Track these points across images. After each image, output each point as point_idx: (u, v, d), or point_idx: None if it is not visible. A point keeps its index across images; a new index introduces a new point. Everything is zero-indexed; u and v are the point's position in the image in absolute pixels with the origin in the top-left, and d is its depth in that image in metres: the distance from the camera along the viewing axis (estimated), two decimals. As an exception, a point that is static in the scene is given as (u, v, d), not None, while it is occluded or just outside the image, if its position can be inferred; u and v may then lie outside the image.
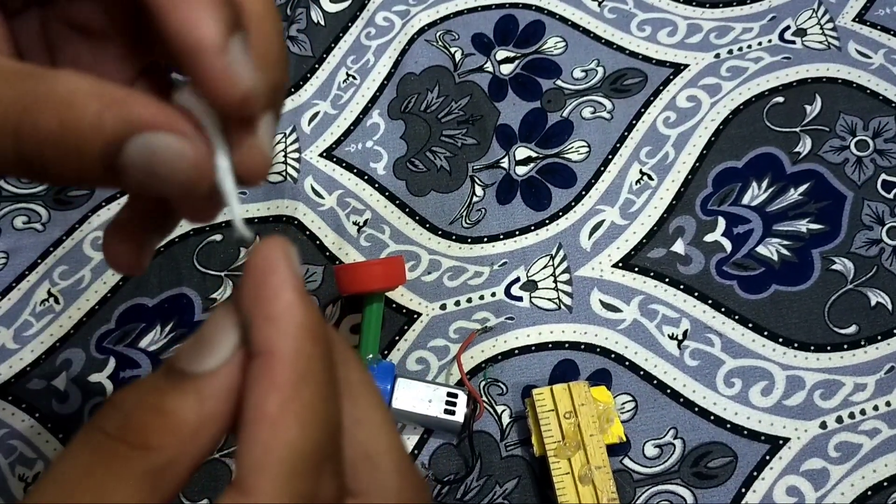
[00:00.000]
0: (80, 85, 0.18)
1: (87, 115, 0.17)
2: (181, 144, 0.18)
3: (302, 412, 0.17)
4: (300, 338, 0.18)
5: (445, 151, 0.53)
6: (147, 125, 0.18)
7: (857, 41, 0.54)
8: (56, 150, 0.18)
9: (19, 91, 0.18)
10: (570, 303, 0.48)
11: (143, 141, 0.18)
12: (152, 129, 0.18)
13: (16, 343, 0.48)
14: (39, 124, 0.17)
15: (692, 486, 0.43)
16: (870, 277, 0.47)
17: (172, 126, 0.18)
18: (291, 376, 0.17)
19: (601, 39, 0.56)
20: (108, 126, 0.17)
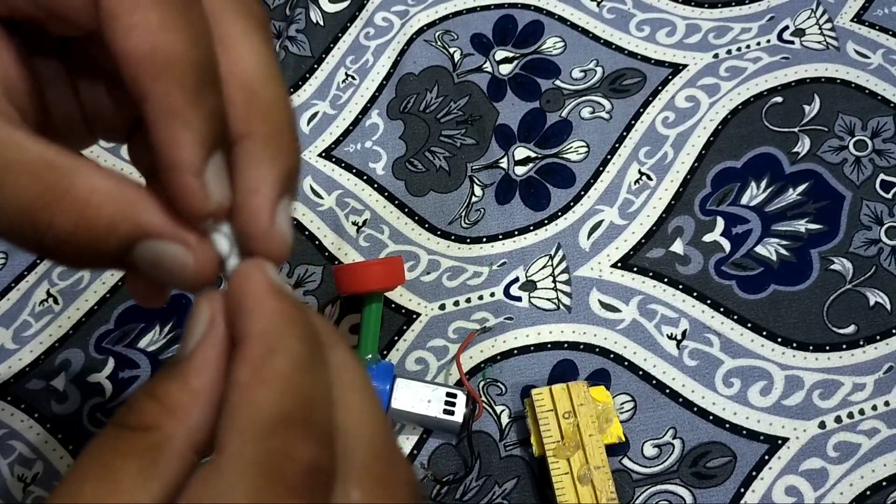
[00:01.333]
0: (97, 185, 0.19)
1: (102, 218, 0.19)
2: (184, 255, 0.19)
3: (272, 379, 0.18)
4: (269, 319, 0.19)
5: (444, 151, 0.53)
6: (154, 233, 0.19)
7: (855, 41, 0.54)
8: (71, 245, 0.19)
9: (40, 186, 0.19)
10: (569, 303, 0.48)
11: (151, 247, 0.19)
12: (158, 238, 0.19)
13: (15, 343, 0.48)
14: (56, 222, 0.19)
15: (691, 486, 0.43)
16: (868, 277, 0.47)
17: (177, 236, 0.19)
18: (260, 350, 0.19)
19: (600, 39, 0.56)
20: (120, 230, 0.19)
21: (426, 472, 0.44)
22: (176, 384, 0.19)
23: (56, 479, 0.45)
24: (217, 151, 0.20)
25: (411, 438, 0.45)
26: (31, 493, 0.45)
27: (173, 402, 0.19)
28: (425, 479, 0.44)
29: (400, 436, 0.45)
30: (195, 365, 0.19)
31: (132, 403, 0.19)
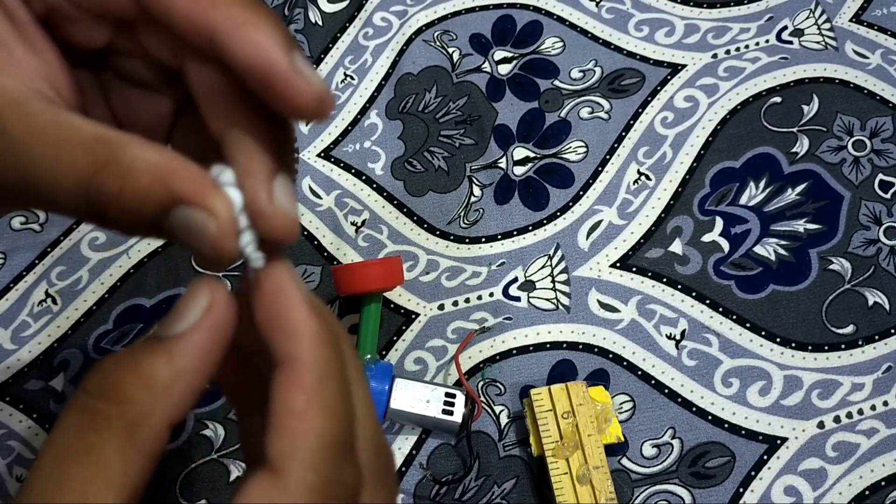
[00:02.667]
0: (140, 155, 0.20)
1: (141, 184, 0.20)
2: (207, 221, 0.20)
3: (324, 407, 0.20)
4: (316, 345, 0.20)
5: (443, 151, 0.53)
6: (185, 199, 0.20)
7: (854, 41, 0.54)
8: (117, 208, 0.20)
9: (91, 157, 0.20)
10: (567, 303, 0.48)
11: (182, 213, 0.20)
12: (189, 203, 0.20)
13: (13, 343, 0.48)
14: (104, 188, 0.20)
15: (690, 486, 0.43)
16: (867, 277, 0.47)
17: (203, 202, 0.20)
18: (313, 378, 0.20)
19: (599, 40, 0.56)
20: (157, 196, 0.20)
21: (425, 472, 0.44)
22: (160, 361, 0.20)
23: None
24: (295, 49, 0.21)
25: (410, 439, 0.45)
26: (30, 494, 0.45)
27: (154, 379, 0.20)
28: (424, 480, 0.44)
29: (399, 436, 0.45)
30: (184, 346, 0.20)
31: (108, 374, 0.20)
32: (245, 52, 0.21)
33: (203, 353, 0.20)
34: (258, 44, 0.21)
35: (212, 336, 0.20)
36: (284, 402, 0.20)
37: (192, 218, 0.20)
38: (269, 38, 0.21)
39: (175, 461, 0.45)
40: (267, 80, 0.21)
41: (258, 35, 0.21)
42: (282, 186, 0.22)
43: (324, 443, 0.20)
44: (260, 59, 0.21)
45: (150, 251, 0.51)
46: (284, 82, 0.21)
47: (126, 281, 0.50)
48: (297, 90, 0.21)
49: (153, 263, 0.50)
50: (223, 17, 0.21)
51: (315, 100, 0.21)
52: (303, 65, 0.21)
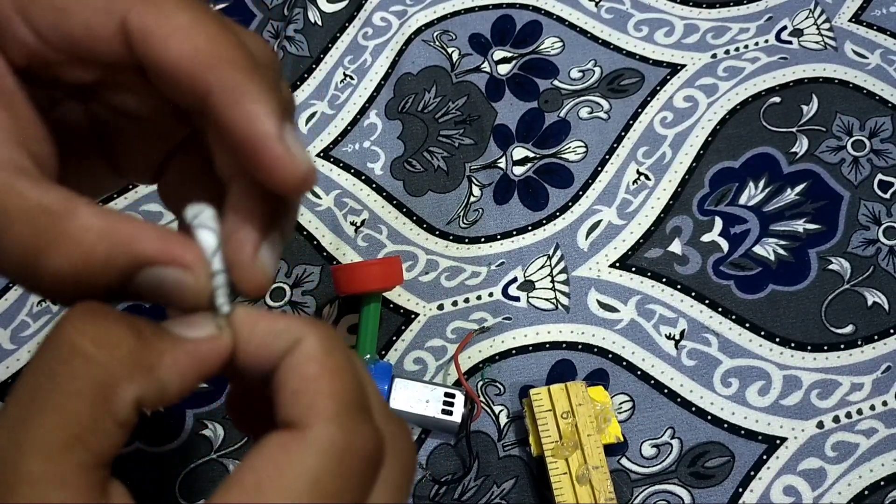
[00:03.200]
0: (90, 224, 0.19)
1: (97, 255, 0.19)
2: (183, 276, 0.20)
3: (337, 370, 0.20)
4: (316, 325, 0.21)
5: (443, 151, 0.53)
6: (153, 261, 0.20)
7: (853, 41, 0.54)
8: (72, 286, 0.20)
9: (36, 231, 0.19)
10: (567, 303, 0.48)
11: (151, 273, 0.20)
12: (158, 265, 0.20)
13: (13, 344, 0.48)
14: (54, 265, 0.19)
15: (689, 486, 0.43)
16: (866, 277, 0.47)
17: (175, 260, 0.20)
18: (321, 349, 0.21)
19: (598, 40, 0.56)
20: (118, 263, 0.20)
21: (424, 472, 0.44)
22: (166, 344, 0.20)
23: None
24: (287, 122, 0.21)
25: (410, 438, 0.45)
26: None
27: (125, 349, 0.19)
28: (423, 480, 0.44)
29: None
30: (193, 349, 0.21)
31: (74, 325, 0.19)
32: (236, 122, 0.20)
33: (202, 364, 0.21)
34: (250, 115, 0.20)
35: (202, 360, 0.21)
36: (295, 373, 0.20)
37: (163, 277, 0.20)
38: (263, 109, 0.20)
39: (175, 461, 0.45)
40: (254, 154, 0.21)
41: (252, 106, 0.20)
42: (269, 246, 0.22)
43: (343, 400, 0.20)
44: (250, 132, 0.20)
45: (149, 251, 0.51)
46: (272, 159, 0.20)
47: (125, 281, 0.50)
48: (283, 168, 0.21)
49: (152, 263, 0.50)
50: (219, 80, 0.20)
51: (300, 179, 0.21)
52: (292, 140, 0.21)
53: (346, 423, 0.20)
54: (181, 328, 0.21)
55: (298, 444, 0.19)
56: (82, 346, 0.19)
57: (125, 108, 0.25)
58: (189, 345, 0.21)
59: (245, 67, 0.21)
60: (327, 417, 0.20)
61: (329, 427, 0.20)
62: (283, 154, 0.21)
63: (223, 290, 0.21)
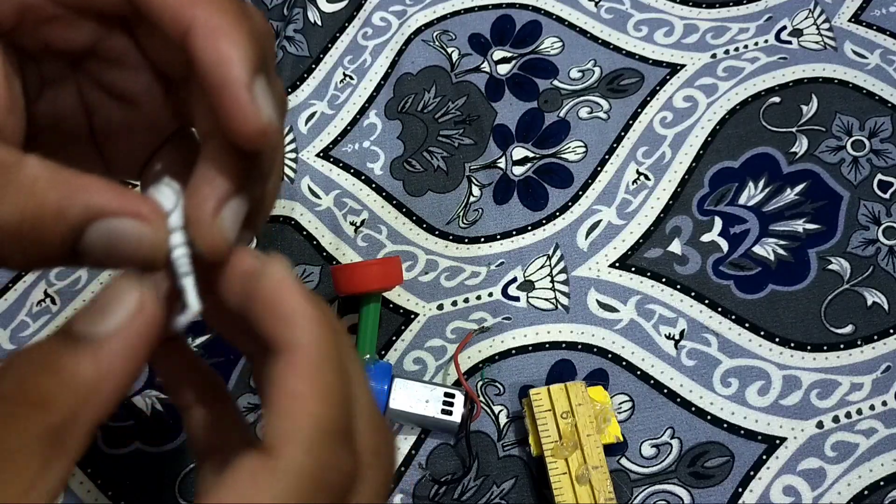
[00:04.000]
0: (41, 173, 0.19)
1: (48, 203, 0.18)
2: (140, 228, 0.19)
3: (324, 392, 0.20)
4: (315, 330, 0.20)
5: (442, 151, 0.53)
6: (107, 211, 0.19)
7: (853, 41, 0.54)
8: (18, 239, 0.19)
9: None
10: (566, 303, 0.48)
11: (104, 226, 0.19)
12: (112, 216, 0.19)
13: (12, 343, 0.48)
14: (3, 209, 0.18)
15: (689, 486, 0.43)
16: (866, 277, 0.47)
17: (131, 210, 0.19)
18: (312, 363, 0.20)
19: (598, 40, 0.56)
20: (70, 214, 0.18)
21: (424, 472, 0.44)
22: (84, 362, 0.18)
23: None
24: (261, 74, 0.20)
25: (409, 438, 0.45)
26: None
27: (79, 381, 0.18)
28: (423, 480, 0.44)
29: (398, 436, 0.45)
30: (111, 348, 0.19)
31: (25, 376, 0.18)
32: (208, 59, 0.20)
33: (131, 354, 0.19)
34: (223, 55, 0.20)
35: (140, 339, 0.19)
36: (283, 386, 0.19)
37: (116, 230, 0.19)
38: (238, 52, 0.20)
39: (175, 461, 0.45)
40: (219, 95, 0.20)
41: (227, 46, 0.20)
42: (233, 208, 0.21)
43: (322, 427, 0.19)
44: (219, 72, 0.20)
45: (148, 251, 0.51)
46: (234, 102, 0.20)
47: (125, 281, 0.50)
48: (244, 115, 0.20)
49: (152, 263, 0.50)
50: (201, 16, 0.20)
51: (256, 131, 0.20)
52: (262, 93, 0.20)
53: (318, 453, 0.19)
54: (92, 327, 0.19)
55: (268, 472, 0.19)
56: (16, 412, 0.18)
57: (116, 88, 0.25)
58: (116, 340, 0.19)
59: (227, 10, 0.20)
60: (301, 446, 0.19)
61: (301, 456, 0.19)
62: (246, 101, 0.20)
63: (182, 249, 0.20)
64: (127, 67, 0.24)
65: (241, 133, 0.20)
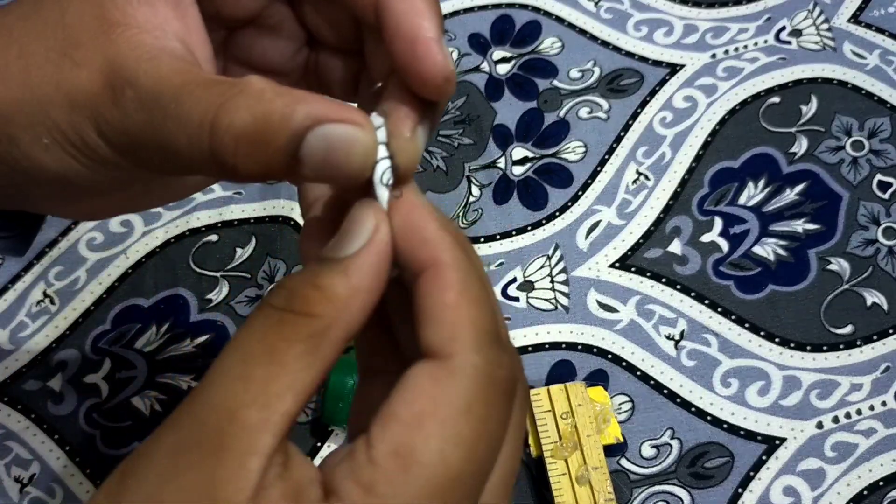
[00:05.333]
0: (267, 85, 0.21)
1: (276, 109, 0.21)
2: (356, 131, 0.21)
3: (474, 298, 0.21)
4: (455, 249, 0.22)
5: (442, 151, 0.53)
6: (326, 118, 0.21)
7: (852, 42, 0.54)
8: (248, 142, 0.21)
9: (216, 93, 0.21)
10: (566, 303, 0.48)
11: (323, 131, 0.21)
12: (330, 122, 0.21)
13: (11, 344, 0.48)
14: (234, 120, 0.21)
15: (689, 487, 0.43)
16: (866, 277, 0.47)
17: (348, 118, 0.21)
18: (458, 275, 0.21)
19: (598, 40, 0.56)
20: (294, 118, 0.20)
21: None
22: (340, 279, 0.21)
23: (53, 481, 0.45)
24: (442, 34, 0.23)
25: (409, 439, 0.45)
26: (28, 494, 0.44)
27: (335, 295, 0.20)
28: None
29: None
30: (358, 265, 0.21)
31: (295, 289, 0.21)
32: (405, 18, 0.22)
33: (374, 271, 0.21)
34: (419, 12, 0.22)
35: (380, 255, 0.21)
36: (435, 299, 0.21)
37: (336, 134, 0.21)
38: (429, 11, 0.23)
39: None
40: (414, 50, 0.22)
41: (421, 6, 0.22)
42: (423, 130, 0.23)
43: (481, 328, 0.21)
44: (414, 28, 0.22)
45: (147, 251, 0.50)
46: (425, 51, 0.22)
47: (124, 281, 0.50)
48: (434, 65, 0.22)
49: (151, 264, 0.50)
50: None
51: (443, 77, 0.22)
52: (445, 47, 0.23)
53: (486, 352, 0.21)
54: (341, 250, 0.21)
55: (447, 374, 0.20)
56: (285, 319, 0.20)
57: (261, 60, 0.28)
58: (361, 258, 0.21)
59: None
60: (470, 347, 0.20)
61: (473, 356, 0.20)
62: (436, 53, 0.22)
63: (386, 163, 0.22)
64: (280, 37, 0.27)
65: (432, 80, 0.22)
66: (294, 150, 0.21)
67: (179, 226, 0.51)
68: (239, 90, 0.21)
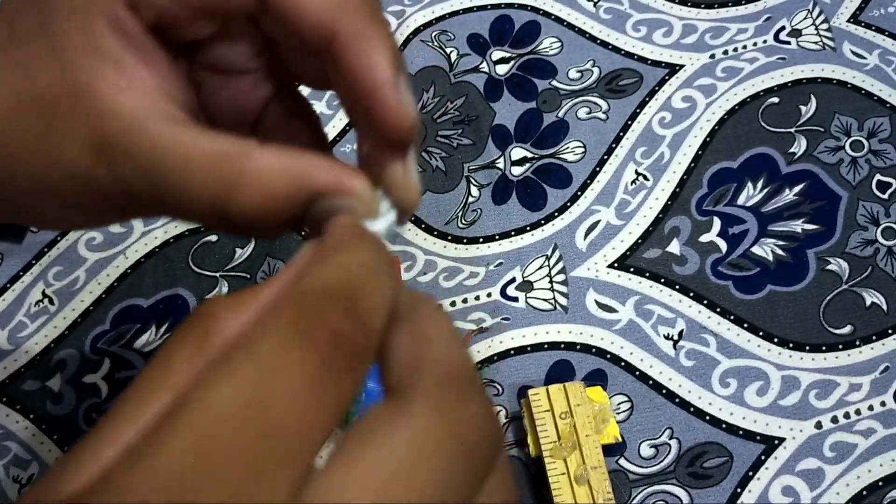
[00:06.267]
0: (269, 163, 0.21)
1: (279, 192, 0.21)
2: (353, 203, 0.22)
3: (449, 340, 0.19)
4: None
5: (441, 152, 0.53)
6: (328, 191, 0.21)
7: (851, 42, 0.54)
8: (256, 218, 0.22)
9: (220, 176, 0.21)
10: (565, 303, 0.48)
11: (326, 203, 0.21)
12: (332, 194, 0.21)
13: (10, 344, 0.48)
14: (242, 201, 0.21)
15: (688, 487, 0.43)
16: (865, 278, 0.47)
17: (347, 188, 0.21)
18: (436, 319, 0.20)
19: (597, 40, 0.56)
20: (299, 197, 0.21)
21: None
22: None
23: (51, 481, 0.45)
24: (401, 73, 0.23)
25: (408, 439, 0.45)
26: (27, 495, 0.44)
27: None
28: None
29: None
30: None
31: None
32: (358, 67, 0.22)
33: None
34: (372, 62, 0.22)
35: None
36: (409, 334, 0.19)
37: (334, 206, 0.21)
38: (384, 59, 0.22)
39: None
40: (371, 99, 0.22)
41: (375, 54, 0.22)
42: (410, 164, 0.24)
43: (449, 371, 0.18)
44: (370, 78, 0.22)
45: (147, 251, 0.51)
46: (386, 105, 0.22)
47: (123, 281, 0.50)
48: (395, 116, 0.22)
49: (150, 264, 0.50)
50: (348, 26, 0.22)
51: (407, 128, 0.22)
52: (405, 91, 0.22)
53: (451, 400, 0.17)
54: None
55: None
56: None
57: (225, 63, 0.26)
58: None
59: (370, 17, 0.22)
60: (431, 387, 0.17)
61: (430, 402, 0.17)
62: (397, 105, 0.22)
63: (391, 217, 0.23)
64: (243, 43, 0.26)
65: (393, 129, 0.22)
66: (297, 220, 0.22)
67: (179, 226, 0.51)
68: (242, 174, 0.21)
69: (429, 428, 0.16)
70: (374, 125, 0.23)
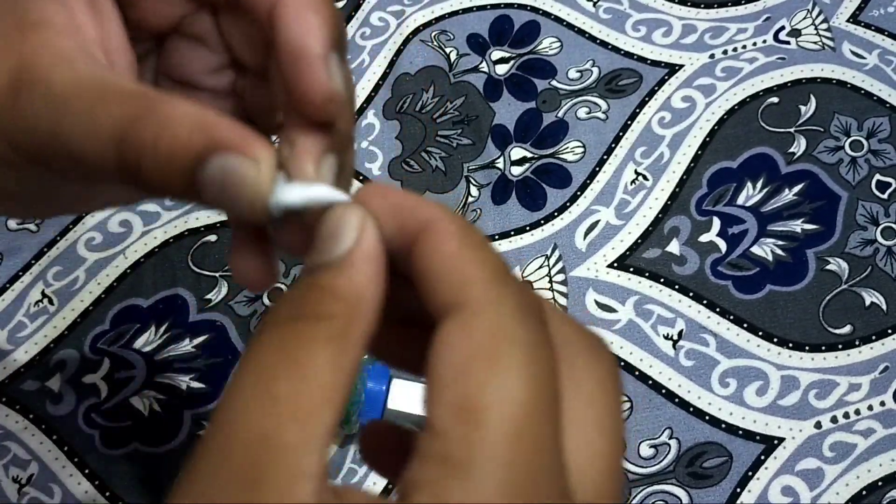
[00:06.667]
0: (178, 107, 0.21)
1: (179, 133, 0.21)
2: (247, 166, 0.20)
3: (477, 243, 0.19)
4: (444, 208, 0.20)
5: (441, 152, 0.53)
6: (226, 146, 0.20)
7: (851, 42, 0.54)
8: (152, 159, 0.21)
9: (130, 108, 0.21)
10: (565, 303, 0.48)
11: (219, 160, 0.20)
12: (229, 151, 0.20)
13: (10, 344, 0.48)
14: (139, 137, 0.21)
15: (687, 487, 0.43)
16: (864, 277, 0.47)
17: (247, 149, 0.20)
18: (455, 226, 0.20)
19: (596, 40, 0.56)
20: (195, 145, 0.20)
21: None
22: (344, 276, 0.19)
23: (51, 481, 0.45)
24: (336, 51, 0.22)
25: (407, 439, 0.45)
26: (26, 495, 0.44)
27: (346, 291, 0.19)
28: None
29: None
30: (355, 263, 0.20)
31: (300, 296, 0.19)
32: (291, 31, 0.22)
33: (372, 266, 0.20)
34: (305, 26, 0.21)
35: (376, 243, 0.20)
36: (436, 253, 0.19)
37: (230, 166, 0.20)
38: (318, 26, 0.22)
39: (175, 461, 0.45)
40: (295, 63, 0.21)
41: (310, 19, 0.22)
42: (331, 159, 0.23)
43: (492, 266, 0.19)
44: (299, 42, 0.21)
45: (146, 251, 0.50)
46: (307, 70, 0.21)
47: (123, 281, 0.50)
48: (314, 82, 0.21)
49: (150, 264, 0.50)
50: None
51: (324, 97, 0.21)
52: (334, 66, 0.22)
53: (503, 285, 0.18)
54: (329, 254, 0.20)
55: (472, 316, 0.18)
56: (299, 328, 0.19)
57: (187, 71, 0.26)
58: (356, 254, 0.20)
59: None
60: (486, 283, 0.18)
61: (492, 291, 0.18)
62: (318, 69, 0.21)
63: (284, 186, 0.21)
64: (204, 48, 0.26)
65: (310, 99, 0.21)
66: (192, 175, 0.20)
67: (178, 226, 0.51)
68: (149, 110, 0.21)
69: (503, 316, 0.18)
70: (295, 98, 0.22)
